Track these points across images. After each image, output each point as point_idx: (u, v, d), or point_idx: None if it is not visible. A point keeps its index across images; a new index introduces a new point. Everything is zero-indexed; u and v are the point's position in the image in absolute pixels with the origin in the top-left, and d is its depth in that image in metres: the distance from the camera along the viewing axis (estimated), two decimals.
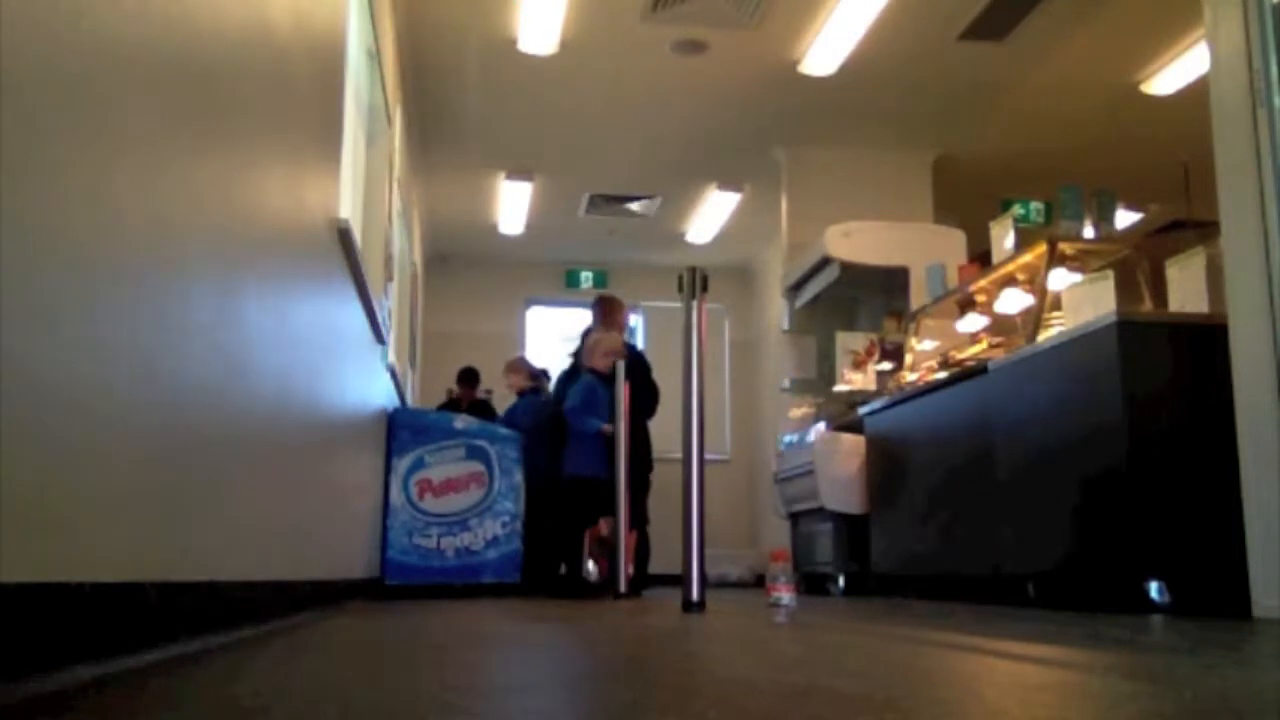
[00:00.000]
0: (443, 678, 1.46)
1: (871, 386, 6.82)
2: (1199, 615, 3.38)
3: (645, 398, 5.92)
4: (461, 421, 6.19)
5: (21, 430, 1.13)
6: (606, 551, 5.79)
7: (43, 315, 1.20)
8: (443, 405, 7.95)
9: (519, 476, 6.08)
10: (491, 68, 6.68)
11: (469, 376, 8.27)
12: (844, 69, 6.62)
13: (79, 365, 1.31)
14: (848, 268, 7.00)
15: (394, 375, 5.86)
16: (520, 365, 7.56)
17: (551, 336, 10.66)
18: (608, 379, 5.78)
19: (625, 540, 5.45)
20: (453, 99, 7.19)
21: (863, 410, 6.17)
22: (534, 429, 6.32)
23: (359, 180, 5.12)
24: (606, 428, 5.68)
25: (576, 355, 6.21)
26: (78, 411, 1.31)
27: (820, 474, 6.21)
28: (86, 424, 1.34)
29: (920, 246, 6.90)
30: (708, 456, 4.04)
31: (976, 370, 4.88)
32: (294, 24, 2.72)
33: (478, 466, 5.95)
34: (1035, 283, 5.13)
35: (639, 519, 5.87)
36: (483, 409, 7.66)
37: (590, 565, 5.97)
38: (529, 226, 9.65)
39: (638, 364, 5.97)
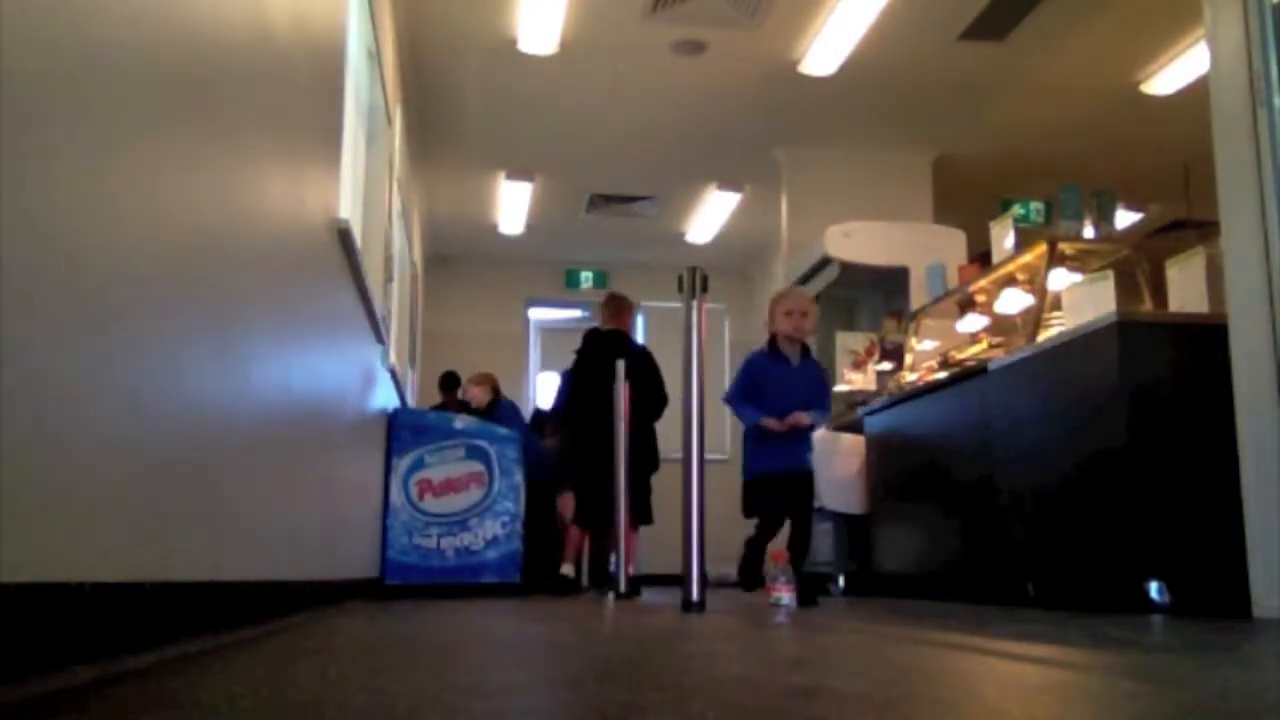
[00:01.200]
0: (443, 678, 1.46)
1: (871, 386, 6.81)
2: (1199, 615, 3.38)
3: (652, 398, 5.87)
4: (461, 421, 6.19)
5: (21, 430, 1.13)
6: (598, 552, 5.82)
7: (42, 315, 1.20)
8: (434, 408, 7.94)
9: (519, 476, 6.08)
10: (491, 68, 6.68)
11: (449, 381, 8.25)
12: (844, 69, 6.62)
13: (78, 365, 1.31)
14: (848, 268, 7.00)
15: (394, 375, 5.86)
16: (484, 379, 7.64)
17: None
18: (777, 352, 4.51)
19: (626, 540, 5.46)
20: (453, 99, 7.19)
21: (863, 410, 6.17)
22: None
23: (359, 180, 5.11)
24: (769, 422, 4.42)
25: (581, 354, 6.19)
26: (77, 411, 1.31)
27: (820, 474, 6.20)
28: (86, 424, 1.34)
29: (920, 246, 6.90)
30: (708, 456, 4.04)
31: (976, 370, 4.88)
32: (294, 24, 2.72)
33: (478, 466, 5.95)
34: (1035, 283, 5.13)
35: (647, 516, 5.88)
36: (467, 410, 7.67)
37: (568, 566, 5.99)
38: (529, 226, 9.65)
39: (646, 365, 5.93)
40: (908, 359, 6.44)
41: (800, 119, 7.45)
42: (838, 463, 6.18)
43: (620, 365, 5.56)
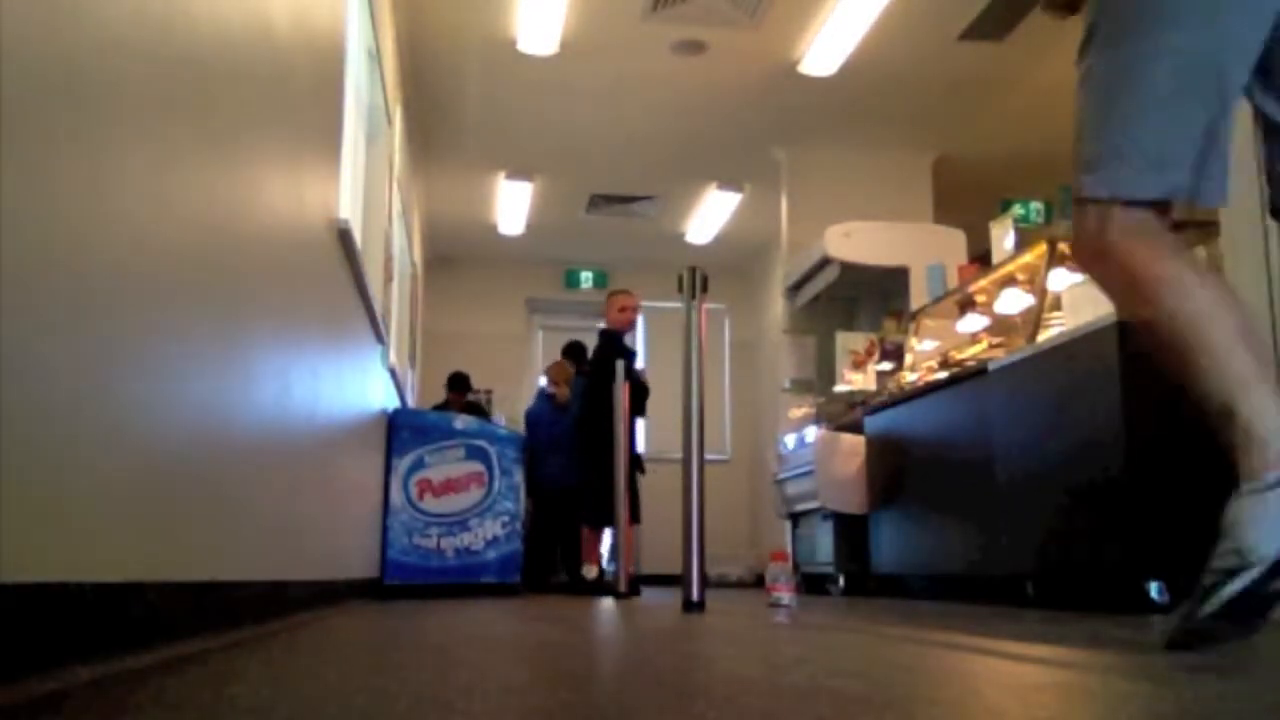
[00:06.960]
0: (443, 678, 1.46)
1: (871, 386, 6.82)
2: None
3: (634, 393, 5.83)
4: (461, 421, 6.19)
5: (21, 430, 1.13)
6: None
7: (42, 315, 1.20)
8: (436, 408, 7.92)
9: (519, 476, 6.08)
10: (491, 68, 6.69)
11: (459, 382, 8.17)
12: (844, 69, 6.62)
13: (78, 365, 1.31)
14: (848, 268, 7.01)
15: (394, 375, 5.86)
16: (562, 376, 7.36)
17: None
18: None
19: (625, 539, 5.46)
20: (453, 99, 7.19)
21: (863, 410, 6.17)
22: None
23: (359, 180, 5.12)
24: None
25: (586, 361, 6.19)
26: (78, 411, 1.31)
27: (820, 474, 6.21)
28: (87, 424, 1.34)
29: (920, 246, 6.91)
30: (708, 457, 4.04)
31: (976, 371, 4.88)
32: (294, 24, 2.72)
33: (477, 466, 5.95)
34: (1035, 283, 5.13)
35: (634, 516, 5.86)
36: (477, 412, 7.65)
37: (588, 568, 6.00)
38: (529, 226, 9.66)
39: (625, 356, 5.87)
40: (908, 359, 6.43)
41: (800, 119, 7.46)
42: (838, 463, 6.18)
43: (620, 367, 5.56)
